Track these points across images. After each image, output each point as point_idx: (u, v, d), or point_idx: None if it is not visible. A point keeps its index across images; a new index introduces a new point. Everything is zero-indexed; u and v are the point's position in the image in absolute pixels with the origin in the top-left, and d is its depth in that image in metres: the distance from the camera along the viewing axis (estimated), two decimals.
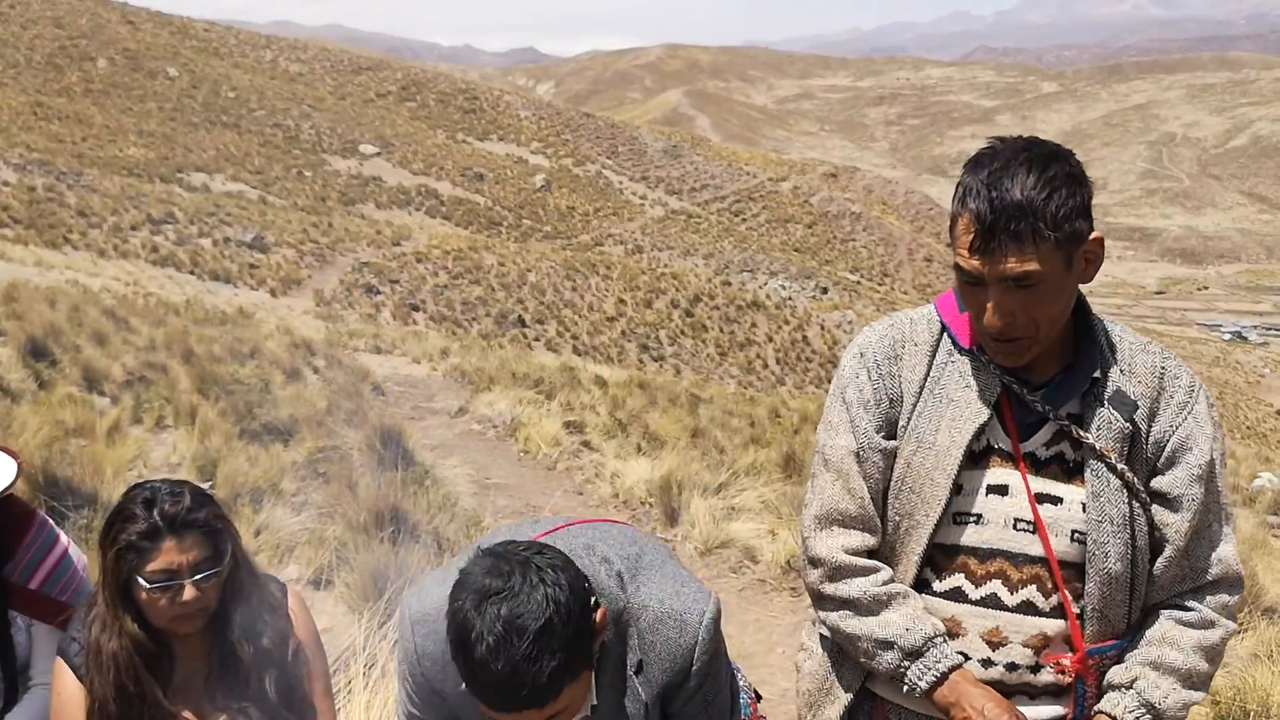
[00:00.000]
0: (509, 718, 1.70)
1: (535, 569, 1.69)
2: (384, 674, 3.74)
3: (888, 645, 1.96)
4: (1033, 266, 1.77)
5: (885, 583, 2.00)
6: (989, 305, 1.84)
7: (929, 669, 1.93)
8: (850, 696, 2.11)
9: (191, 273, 39.01)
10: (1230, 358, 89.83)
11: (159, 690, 2.32)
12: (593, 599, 1.78)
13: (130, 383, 11.12)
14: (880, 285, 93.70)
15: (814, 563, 2.06)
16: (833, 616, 2.04)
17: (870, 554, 2.04)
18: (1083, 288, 1.93)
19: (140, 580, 2.24)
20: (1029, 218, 1.75)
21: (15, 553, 2.55)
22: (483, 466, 9.94)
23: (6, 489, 2.46)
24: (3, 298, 15.85)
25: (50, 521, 2.67)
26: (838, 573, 2.02)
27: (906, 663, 1.95)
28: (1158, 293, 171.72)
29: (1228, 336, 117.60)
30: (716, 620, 1.97)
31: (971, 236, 1.80)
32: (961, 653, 1.98)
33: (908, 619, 1.96)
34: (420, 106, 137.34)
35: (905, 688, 1.96)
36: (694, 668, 1.94)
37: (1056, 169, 1.78)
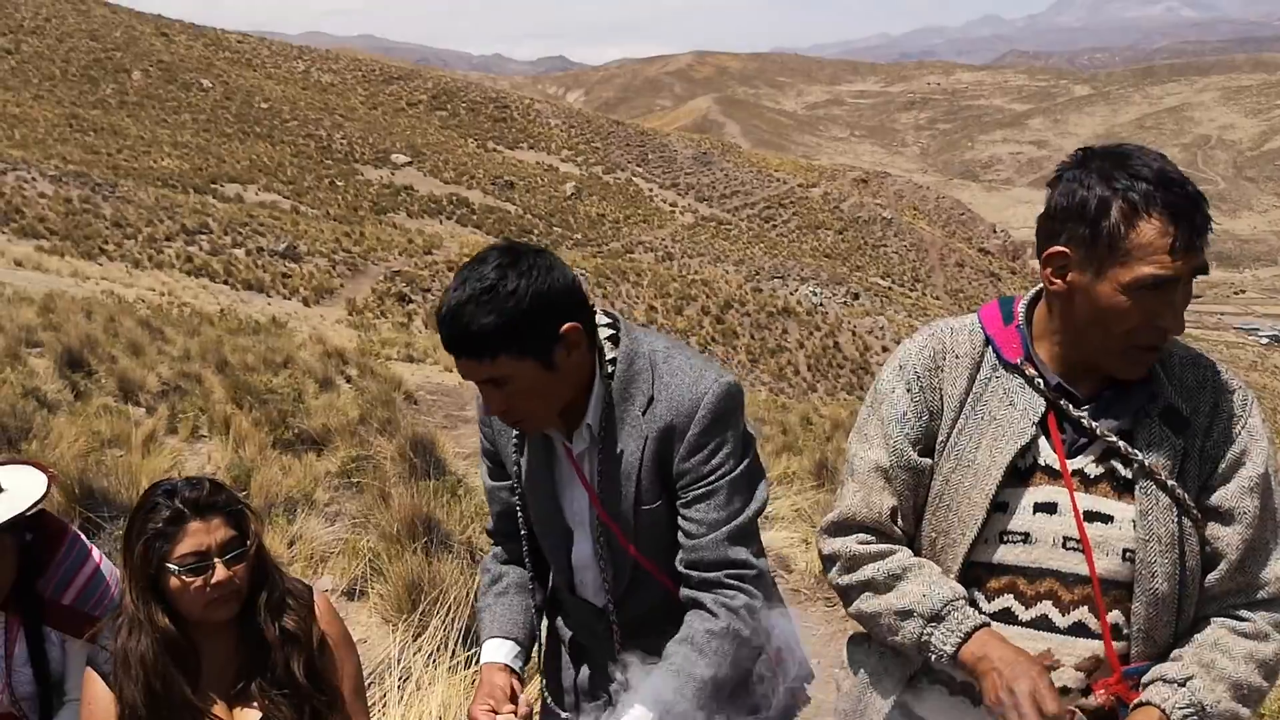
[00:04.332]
0: (460, 366, 2.01)
1: (528, 259, 1.98)
2: (419, 687, 3.72)
3: (907, 614, 1.90)
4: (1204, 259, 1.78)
5: (901, 560, 1.96)
6: (1175, 306, 1.78)
7: (953, 631, 1.85)
8: (889, 705, 2.04)
9: (225, 283, 39.36)
10: (1268, 362, 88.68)
11: (187, 688, 2.32)
12: (570, 312, 2.00)
13: (165, 393, 11.20)
14: (912, 291, 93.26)
15: (830, 561, 2.06)
16: (856, 604, 2.00)
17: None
18: None
19: (171, 566, 2.26)
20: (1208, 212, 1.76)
21: (48, 569, 2.56)
22: None
23: (37, 503, 2.46)
24: (40, 309, 16.04)
25: (82, 537, 2.67)
26: (854, 562, 2.00)
27: (929, 628, 1.88)
28: (1194, 296, 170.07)
29: (1265, 340, 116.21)
30: (732, 393, 2.08)
31: (1172, 238, 1.73)
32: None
33: (925, 585, 1.90)
34: (451, 115, 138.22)
35: (933, 656, 1.88)
36: (698, 414, 2.04)
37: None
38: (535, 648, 2.42)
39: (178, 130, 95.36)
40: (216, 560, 2.29)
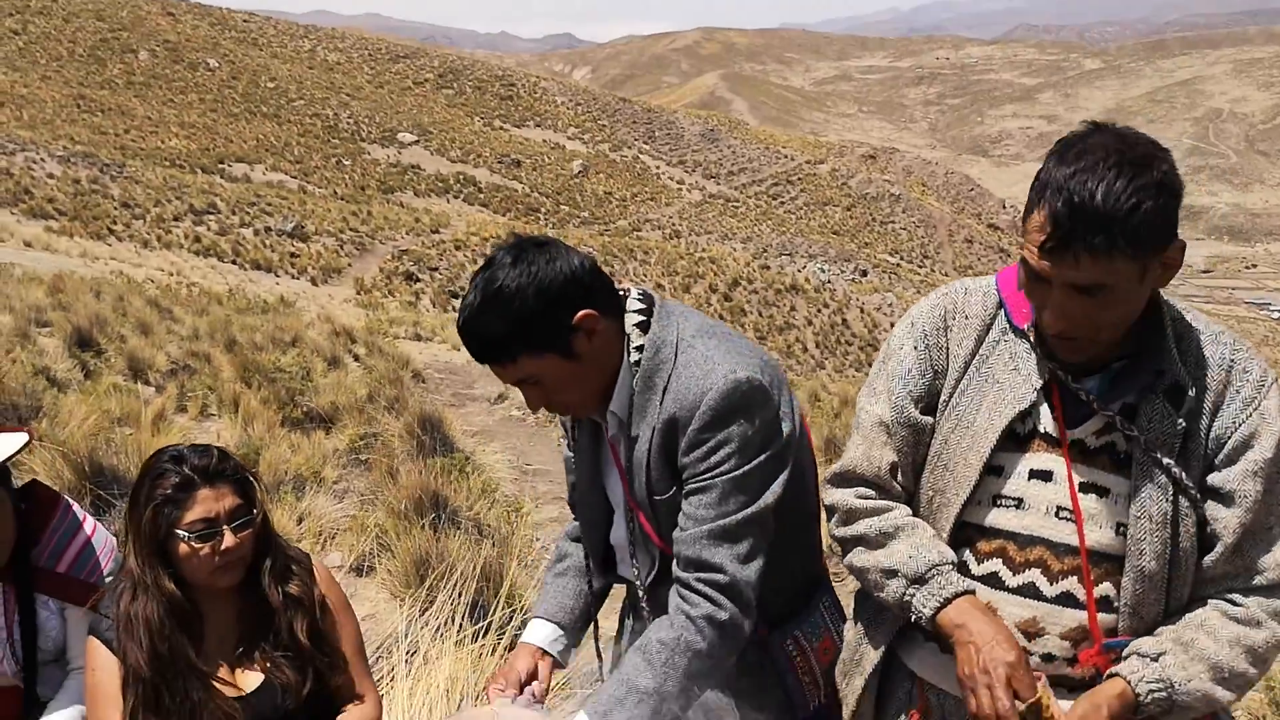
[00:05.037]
0: (493, 373, 2.06)
1: (528, 255, 1.98)
2: (426, 661, 3.74)
3: (892, 574, 1.94)
4: (1102, 279, 1.68)
5: (894, 519, 1.99)
6: (1051, 308, 1.77)
7: (933, 595, 1.88)
8: (879, 656, 2.08)
9: (233, 262, 39.41)
10: (1279, 336, 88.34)
11: (191, 652, 2.36)
12: (580, 299, 1.99)
13: (174, 372, 11.25)
14: (920, 267, 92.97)
15: (830, 511, 2.10)
16: (849, 557, 2.04)
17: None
18: None
19: (180, 533, 2.31)
20: (1108, 231, 1.63)
21: (41, 537, 2.60)
22: (523, 452, 9.97)
23: (18, 452, 2.51)
24: (49, 289, 16.08)
25: (75, 505, 2.72)
26: (851, 515, 2.04)
27: (912, 590, 1.91)
28: (1205, 271, 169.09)
29: (1277, 315, 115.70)
30: (742, 389, 1.98)
31: (1044, 237, 1.69)
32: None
33: (912, 547, 1.93)
34: (457, 94, 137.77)
35: (913, 616, 1.92)
36: (700, 409, 1.98)
37: (1149, 177, 1.65)
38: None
39: (185, 110, 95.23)
40: (225, 527, 2.33)
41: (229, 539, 2.33)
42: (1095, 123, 1.77)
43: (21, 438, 2.55)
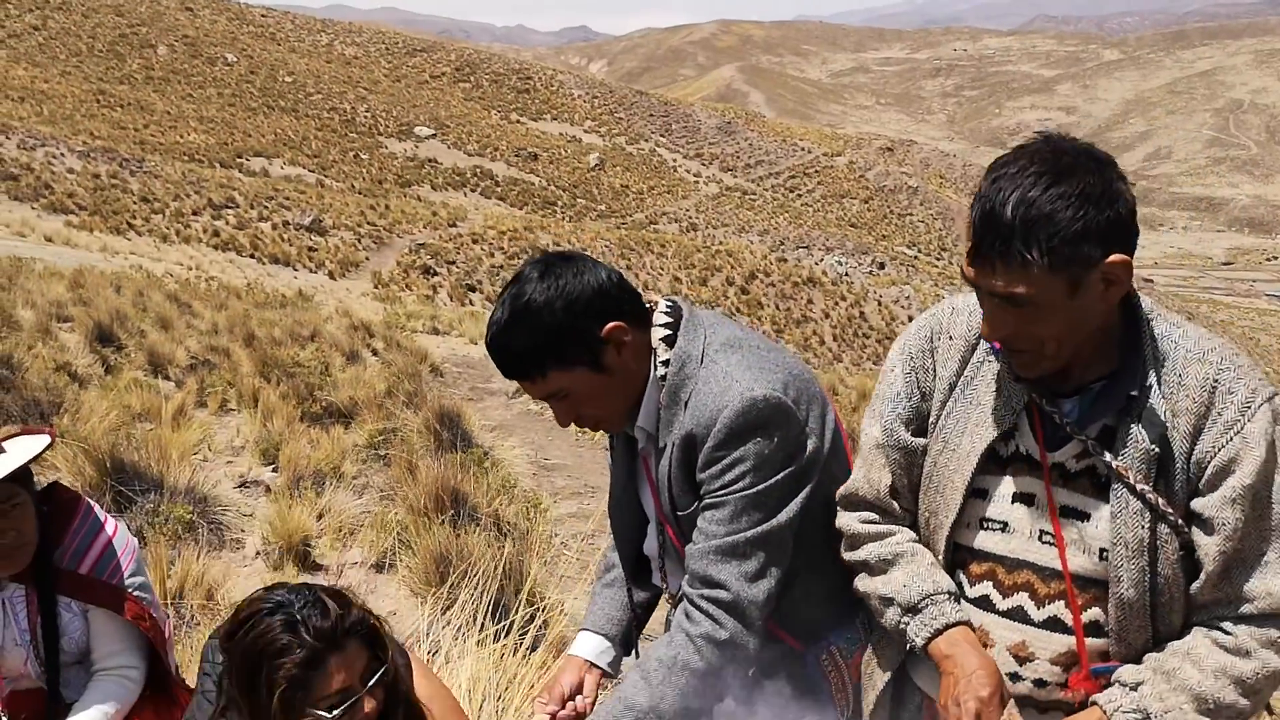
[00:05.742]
0: (523, 389, 2.06)
1: (555, 269, 1.99)
2: (448, 660, 3.73)
3: (889, 602, 1.95)
4: (1020, 289, 1.64)
5: (895, 545, 1.98)
6: (984, 317, 1.75)
7: (925, 625, 1.89)
8: (889, 677, 2.07)
9: (252, 256, 39.58)
10: None
11: None
12: (608, 312, 1.99)
13: (194, 367, 11.27)
14: (938, 260, 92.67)
15: (838, 534, 2.10)
16: (855, 581, 2.05)
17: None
18: (1148, 259, 1.76)
19: (317, 712, 1.93)
20: (1015, 240, 1.60)
21: (63, 539, 2.61)
22: (541, 447, 9.95)
23: (40, 454, 2.52)
24: (70, 284, 16.16)
25: (96, 507, 2.72)
26: (855, 540, 2.04)
27: (906, 618, 1.92)
28: (1225, 263, 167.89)
29: None
30: (759, 407, 1.96)
31: (970, 245, 1.68)
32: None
33: (908, 576, 1.93)
34: (474, 87, 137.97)
35: (908, 644, 1.93)
36: (715, 427, 1.97)
37: (1069, 186, 1.59)
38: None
39: (203, 105, 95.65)
40: (363, 694, 1.97)
41: (367, 705, 1.98)
42: (1046, 134, 1.72)
43: (43, 440, 2.55)
